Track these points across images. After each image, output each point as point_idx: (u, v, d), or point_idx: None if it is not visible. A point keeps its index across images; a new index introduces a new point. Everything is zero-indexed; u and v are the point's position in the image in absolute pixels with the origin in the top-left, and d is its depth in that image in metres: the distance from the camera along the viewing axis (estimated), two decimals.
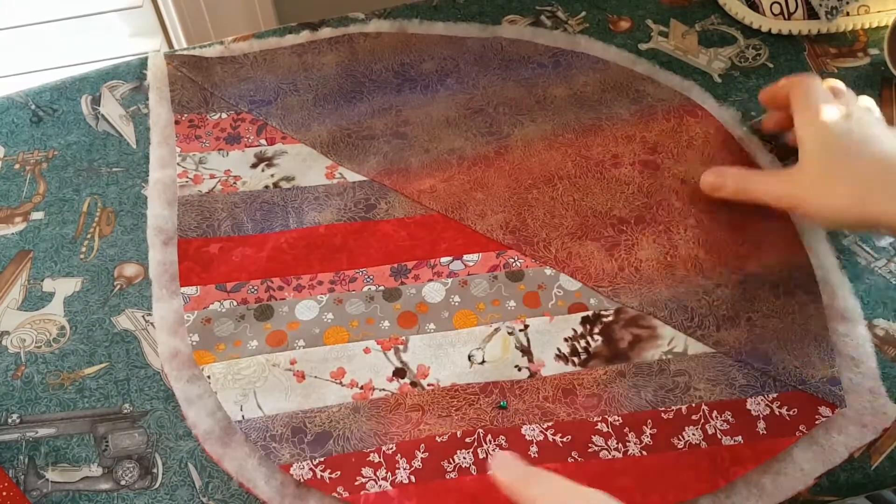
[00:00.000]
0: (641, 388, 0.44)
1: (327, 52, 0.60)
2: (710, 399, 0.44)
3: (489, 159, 0.54)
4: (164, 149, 0.54)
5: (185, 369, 0.45)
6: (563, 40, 0.61)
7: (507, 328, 0.47)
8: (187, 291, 0.47)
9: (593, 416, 0.43)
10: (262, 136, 0.55)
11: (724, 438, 0.42)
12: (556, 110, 0.57)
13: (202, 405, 0.43)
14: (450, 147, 0.55)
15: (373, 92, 0.58)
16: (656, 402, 0.44)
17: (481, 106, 0.57)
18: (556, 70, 0.59)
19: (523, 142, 0.55)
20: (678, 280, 0.48)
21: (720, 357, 0.45)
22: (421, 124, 0.56)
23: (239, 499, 0.42)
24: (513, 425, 0.43)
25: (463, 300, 0.48)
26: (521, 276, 0.49)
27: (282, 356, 0.45)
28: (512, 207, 0.52)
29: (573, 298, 0.48)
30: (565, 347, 0.46)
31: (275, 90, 0.57)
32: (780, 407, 0.43)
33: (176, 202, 0.51)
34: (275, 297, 0.47)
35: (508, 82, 0.58)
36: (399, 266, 0.49)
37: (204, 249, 0.49)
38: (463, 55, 0.60)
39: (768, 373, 0.45)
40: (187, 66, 0.58)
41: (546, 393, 0.44)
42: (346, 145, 0.55)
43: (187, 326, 0.46)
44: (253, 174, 0.53)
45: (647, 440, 0.42)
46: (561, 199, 0.52)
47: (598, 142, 0.55)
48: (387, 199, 0.52)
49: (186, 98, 0.57)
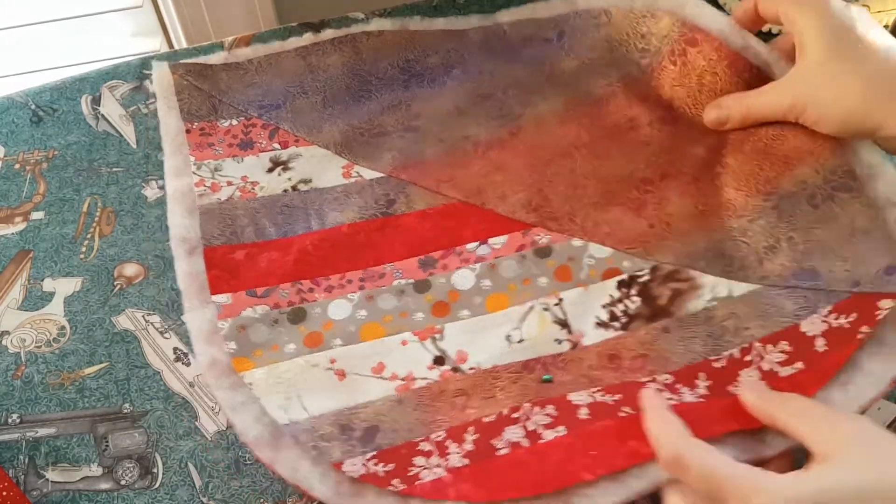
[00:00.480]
0: (689, 340, 0.43)
1: (331, 53, 0.59)
2: (762, 335, 0.42)
3: (504, 141, 0.54)
4: (178, 158, 0.54)
5: (225, 377, 0.44)
6: (562, 6, 0.60)
7: (542, 305, 0.46)
8: (218, 300, 0.47)
9: (641, 376, 0.42)
10: (274, 140, 0.55)
11: (783, 370, 0.40)
12: (566, 83, 0.56)
13: (247, 412, 0.42)
14: (463, 134, 0.54)
15: (380, 89, 0.58)
16: (706, 351, 0.42)
17: (490, 91, 0.57)
18: (562, 41, 0.58)
19: (535, 120, 0.55)
20: (713, 228, 0.47)
21: (767, 289, 0.43)
22: (431, 116, 0.56)
23: (239, 499, 0.42)
24: (559, 395, 0.42)
25: (494, 283, 0.47)
26: (549, 251, 0.48)
27: (321, 356, 0.45)
28: (532, 185, 0.51)
29: (605, 265, 0.47)
30: (604, 314, 0.45)
31: (283, 94, 0.57)
32: (836, 318, 0.41)
33: (196, 211, 0.51)
34: (306, 300, 0.47)
35: (515, 65, 0.58)
36: (426, 258, 0.49)
37: (230, 256, 0.49)
38: (467, 46, 0.60)
39: (819, 288, 0.42)
40: (193, 74, 0.58)
41: (590, 362, 0.43)
42: (359, 144, 0.55)
43: (223, 335, 0.45)
44: (270, 178, 0.53)
45: (702, 392, 0.40)
46: (580, 170, 0.51)
47: (611, 109, 0.54)
48: (406, 193, 0.52)
49: (195, 106, 0.57)
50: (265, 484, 0.42)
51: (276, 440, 0.41)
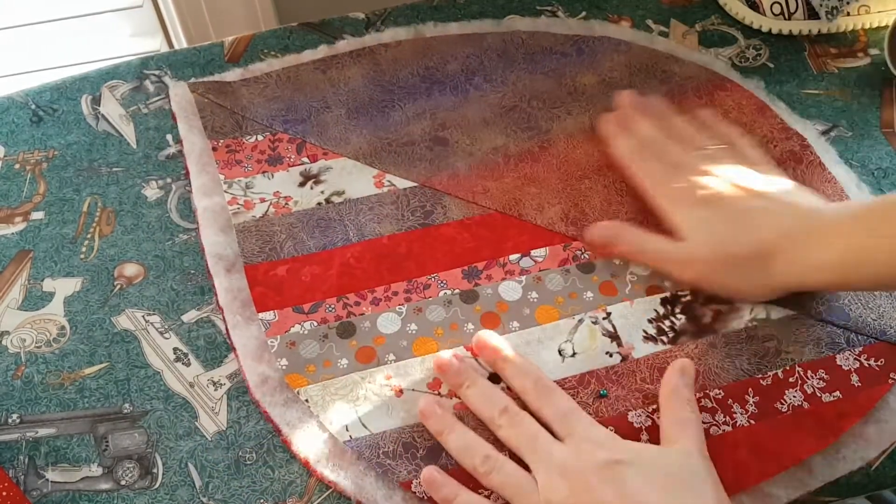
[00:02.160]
0: (735, 357, 0.45)
1: (350, 65, 0.60)
2: (801, 360, 0.44)
3: (534, 154, 0.55)
4: (206, 177, 0.54)
5: (278, 394, 0.44)
6: (578, 27, 0.62)
7: (591, 318, 0.47)
8: (265, 317, 0.47)
9: (695, 391, 0.43)
10: (303, 154, 0.55)
11: (823, 396, 0.43)
12: (590, 99, 0.57)
13: (305, 429, 0.43)
14: (492, 146, 0.55)
15: (403, 99, 0.58)
16: (752, 369, 0.44)
17: (515, 103, 0.58)
18: (580, 58, 0.60)
19: (565, 134, 0.56)
20: None
21: (802, 318, 0.46)
22: (459, 128, 0.56)
23: (239, 499, 0.42)
24: (618, 413, 0.43)
25: (541, 296, 0.48)
26: (592, 267, 0.49)
27: (376, 372, 0.45)
28: (568, 198, 0.52)
29: (647, 282, 0.48)
30: (651, 329, 0.46)
31: (306, 108, 0.58)
32: (867, 359, 0.44)
33: (231, 229, 0.51)
34: (353, 313, 0.47)
35: (536, 75, 0.59)
36: (470, 268, 0.49)
37: (272, 273, 0.49)
38: (485, 52, 0.60)
39: (849, 328, 0.45)
40: (213, 92, 0.58)
41: (642, 375, 0.44)
42: (388, 153, 0.55)
43: (274, 352, 0.46)
44: (303, 192, 0.53)
45: (751, 409, 0.43)
46: (614, 187, 0.52)
47: None
48: (442, 203, 0.52)
49: (219, 124, 0.57)
50: (265, 484, 0.42)
51: (336, 457, 0.42)
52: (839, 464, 0.41)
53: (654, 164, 0.50)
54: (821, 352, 0.45)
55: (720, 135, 0.52)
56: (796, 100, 0.58)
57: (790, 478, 0.41)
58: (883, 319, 0.46)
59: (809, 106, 0.58)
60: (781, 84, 0.59)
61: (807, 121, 0.56)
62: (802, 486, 0.41)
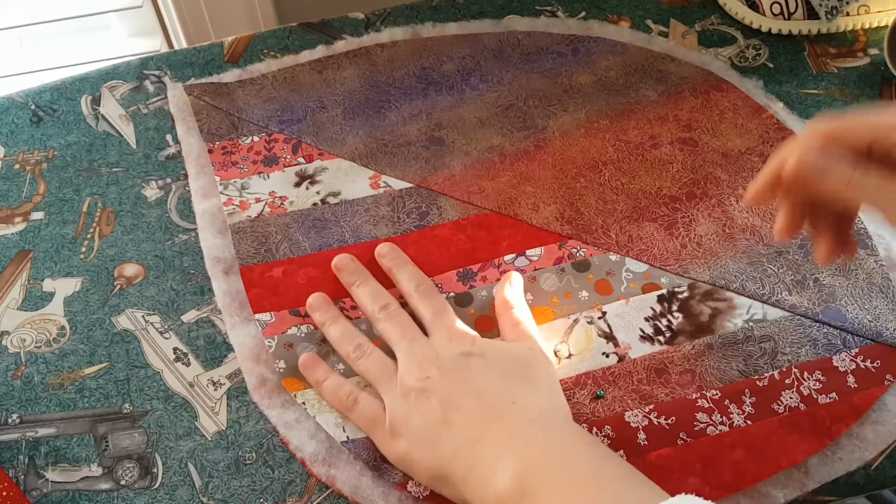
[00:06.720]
0: (731, 358, 0.45)
1: (347, 66, 0.60)
2: (797, 361, 0.45)
3: (530, 153, 0.55)
4: (203, 179, 0.54)
5: (276, 396, 0.44)
6: (576, 27, 0.62)
7: (586, 318, 0.47)
8: (262, 318, 0.47)
9: (691, 392, 0.43)
10: (298, 155, 0.55)
11: (819, 397, 0.43)
12: (586, 98, 0.58)
13: (302, 429, 0.43)
14: (488, 146, 0.55)
15: (399, 99, 0.58)
16: (748, 370, 0.44)
17: (511, 102, 0.58)
18: (577, 57, 0.60)
19: (560, 132, 0.56)
20: (740, 250, 0.49)
21: (798, 319, 0.46)
22: (455, 127, 0.56)
23: (239, 499, 0.42)
24: (614, 413, 0.43)
25: (535, 297, 0.48)
26: (588, 265, 0.49)
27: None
28: (563, 197, 0.52)
29: (644, 279, 0.48)
30: (648, 327, 0.46)
31: (302, 108, 0.58)
32: (863, 361, 0.45)
33: (227, 230, 0.51)
34: (350, 317, 0.47)
35: (532, 75, 0.59)
36: (465, 270, 0.49)
37: (268, 275, 0.49)
38: (481, 52, 0.61)
39: (846, 329, 0.46)
40: (209, 94, 0.58)
41: (639, 375, 0.44)
42: (384, 154, 0.55)
43: (272, 353, 0.46)
44: (298, 193, 0.53)
45: (748, 409, 0.43)
46: (609, 185, 0.53)
47: (633, 125, 0.56)
48: (437, 203, 0.52)
49: (215, 126, 0.57)
50: (265, 484, 0.42)
51: (333, 457, 0.42)
52: (836, 465, 0.41)
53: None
54: (817, 353, 0.45)
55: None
56: (796, 100, 0.58)
57: (787, 479, 0.41)
58: (879, 321, 0.46)
59: (809, 106, 0.58)
60: (781, 84, 0.59)
61: (806, 121, 0.56)
62: (800, 486, 0.41)
